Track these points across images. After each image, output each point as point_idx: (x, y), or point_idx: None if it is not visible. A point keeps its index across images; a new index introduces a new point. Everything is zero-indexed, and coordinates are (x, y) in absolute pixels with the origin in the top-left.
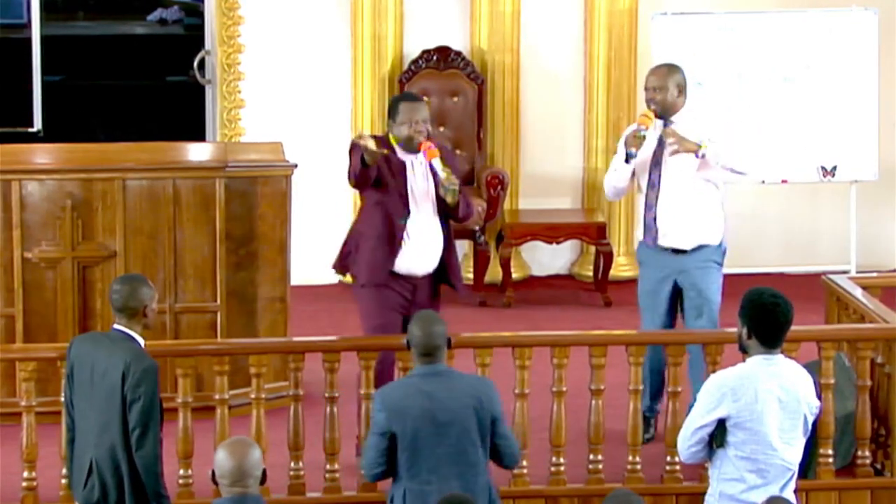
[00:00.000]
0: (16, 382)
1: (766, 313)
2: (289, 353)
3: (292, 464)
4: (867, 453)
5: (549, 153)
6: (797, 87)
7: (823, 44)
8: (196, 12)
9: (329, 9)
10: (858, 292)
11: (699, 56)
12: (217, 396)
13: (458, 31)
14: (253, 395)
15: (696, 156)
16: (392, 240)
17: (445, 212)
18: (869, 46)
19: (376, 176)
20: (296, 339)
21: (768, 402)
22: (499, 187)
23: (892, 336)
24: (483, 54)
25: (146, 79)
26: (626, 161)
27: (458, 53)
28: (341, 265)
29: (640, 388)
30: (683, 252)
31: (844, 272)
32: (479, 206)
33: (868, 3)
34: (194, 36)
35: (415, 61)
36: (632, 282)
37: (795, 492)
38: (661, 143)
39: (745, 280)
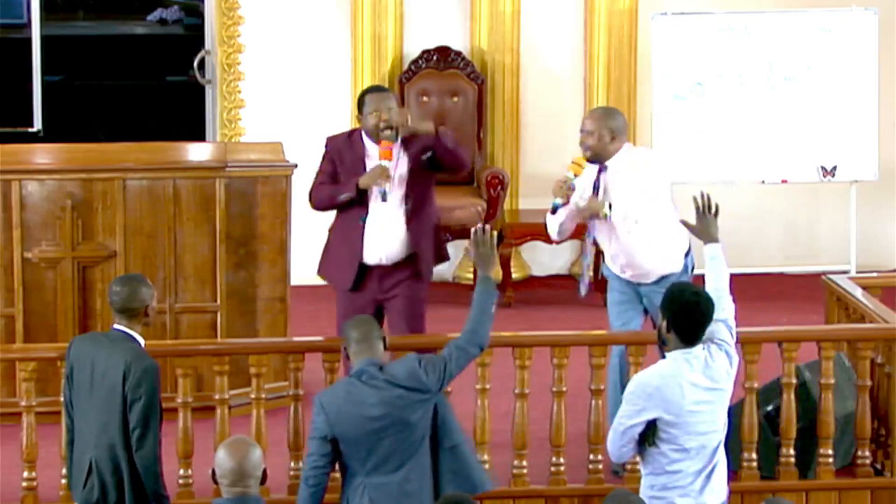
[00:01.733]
0: (16, 382)
1: (687, 310)
2: (289, 353)
3: (292, 464)
4: (867, 453)
5: (549, 153)
6: (797, 87)
7: (823, 44)
8: (196, 12)
9: (329, 9)
10: (858, 292)
11: (699, 56)
12: (217, 396)
13: (458, 31)
14: (253, 395)
15: (600, 217)
16: (354, 240)
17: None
18: (869, 46)
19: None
20: (296, 339)
21: (695, 394)
22: (499, 187)
23: (892, 336)
24: (483, 54)
25: (146, 79)
26: (553, 212)
27: (458, 53)
28: (321, 271)
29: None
30: (650, 283)
31: (844, 272)
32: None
33: (868, 3)
34: (194, 36)
35: (415, 61)
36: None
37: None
38: (595, 190)
39: (745, 280)
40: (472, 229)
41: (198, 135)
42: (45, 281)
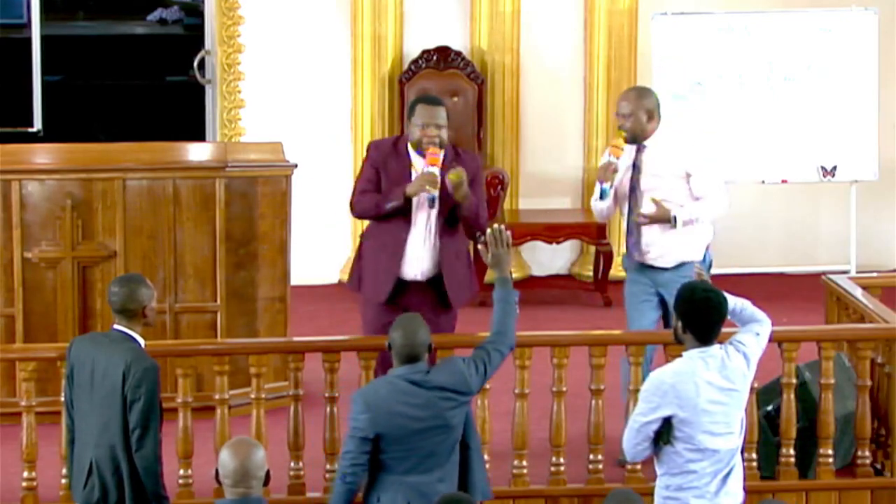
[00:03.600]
0: (16, 382)
1: (698, 310)
2: (289, 353)
3: (292, 463)
4: (867, 453)
5: (548, 153)
6: (797, 87)
7: (823, 44)
8: (196, 12)
9: (329, 9)
10: (858, 292)
11: (699, 56)
12: (217, 396)
13: (458, 31)
14: (253, 395)
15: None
16: (394, 251)
17: (457, 217)
18: (869, 46)
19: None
20: (296, 338)
21: (710, 393)
22: (499, 187)
23: (892, 336)
24: (483, 54)
25: (146, 79)
26: (601, 198)
27: (458, 53)
28: (352, 282)
29: (640, 387)
30: (665, 269)
31: (844, 272)
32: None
33: (868, 3)
34: (194, 36)
35: (415, 61)
36: None
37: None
38: (635, 169)
39: (745, 280)
40: (489, 229)
41: (198, 135)
42: (45, 281)
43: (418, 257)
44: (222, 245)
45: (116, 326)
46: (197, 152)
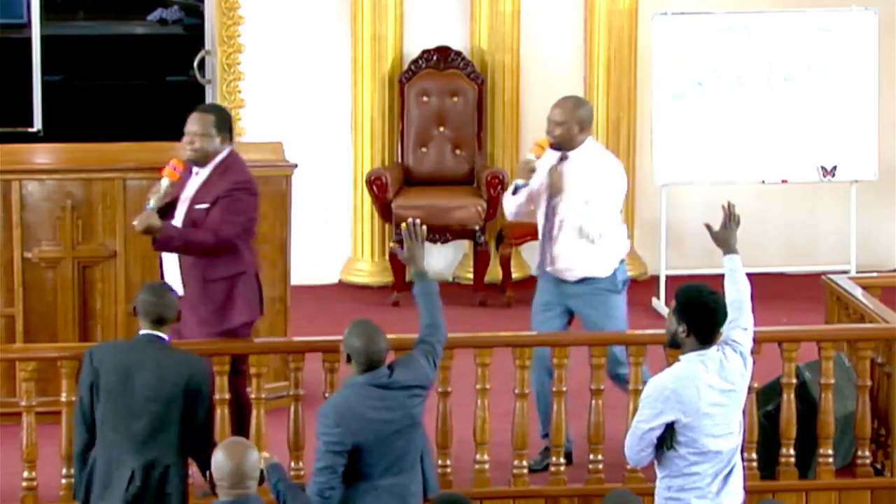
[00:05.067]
0: (16, 382)
1: (707, 312)
2: (289, 353)
3: (293, 463)
4: (867, 453)
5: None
6: (797, 87)
7: (823, 44)
8: (196, 12)
9: (329, 9)
10: (858, 292)
11: (699, 56)
12: (217, 396)
13: (458, 30)
14: (253, 395)
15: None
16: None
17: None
18: (869, 46)
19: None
20: (296, 339)
21: (711, 396)
22: (499, 187)
23: (892, 336)
24: (483, 54)
25: (146, 79)
26: (514, 192)
27: (458, 53)
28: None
29: (640, 388)
30: (570, 282)
31: (844, 272)
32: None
33: (868, 2)
34: (194, 36)
35: (415, 61)
36: (633, 282)
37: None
38: (552, 175)
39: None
40: (404, 224)
41: None
42: (45, 281)
43: (168, 270)
44: None
45: (150, 332)
46: None
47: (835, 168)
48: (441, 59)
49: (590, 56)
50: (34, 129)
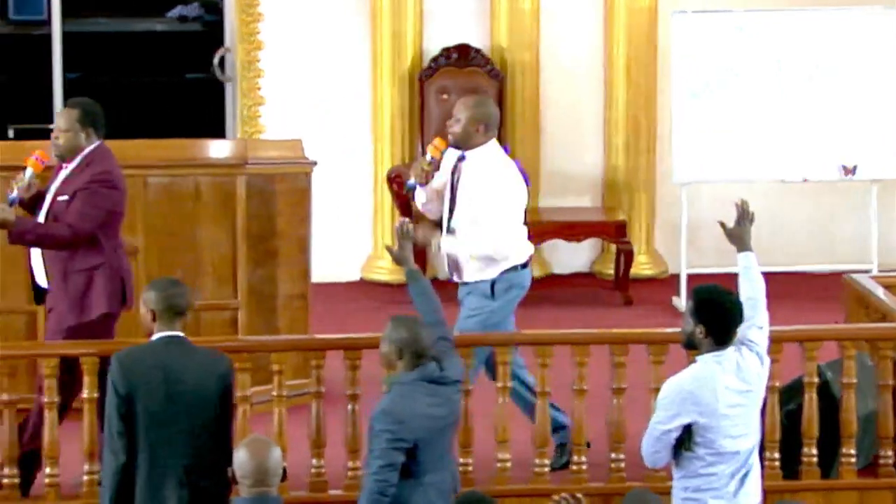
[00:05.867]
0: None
1: (723, 313)
2: (310, 351)
3: (314, 461)
4: (889, 453)
5: (568, 151)
6: (818, 86)
7: (844, 42)
8: (216, 9)
9: (349, 6)
10: (880, 291)
11: (719, 54)
12: (238, 394)
13: (477, 28)
14: (274, 393)
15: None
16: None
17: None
18: (889, 44)
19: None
20: (317, 336)
21: (728, 397)
22: None
23: None
24: (503, 52)
25: (166, 76)
26: (407, 191)
27: (478, 51)
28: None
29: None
30: (463, 284)
31: (866, 271)
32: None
33: (890, 1)
34: (214, 33)
35: (434, 59)
36: (653, 280)
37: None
38: (453, 176)
39: (766, 279)
40: (396, 225)
41: (218, 132)
42: None
43: (35, 263)
44: (242, 242)
45: (172, 333)
46: (217, 149)
47: (855, 167)
48: (461, 56)
49: (609, 54)
50: (54, 126)
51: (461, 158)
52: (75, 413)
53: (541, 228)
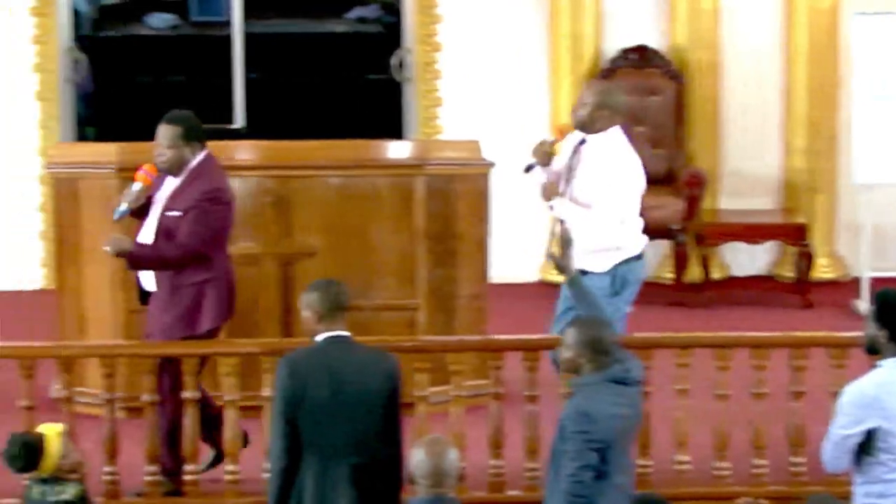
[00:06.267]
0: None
1: None
2: (488, 351)
3: (492, 461)
4: None
5: (748, 153)
6: None
7: None
8: (394, 11)
9: (527, 7)
10: None
11: None
12: (416, 393)
13: (656, 29)
14: (452, 393)
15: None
16: None
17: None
18: None
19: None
20: (495, 336)
21: None
22: (698, 187)
23: None
24: (682, 52)
25: (345, 77)
26: (526, 171)
27: (657, 52)
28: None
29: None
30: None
31: None
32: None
33: None
34: (393, 34)
35: (613, 60)
36: (834, 283)
37: None
38: (573, 158)
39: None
40: (559, 230)
41: (396, 133)
42: (247, 278)
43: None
44: (421, 243)
45: (339, 332)
46: (395, 150)
47: None
48: (639, 57)
49: (789, 54)
50: (236, 126)
51: (582, 142)
52: (255, 410)
53: (720, 230)
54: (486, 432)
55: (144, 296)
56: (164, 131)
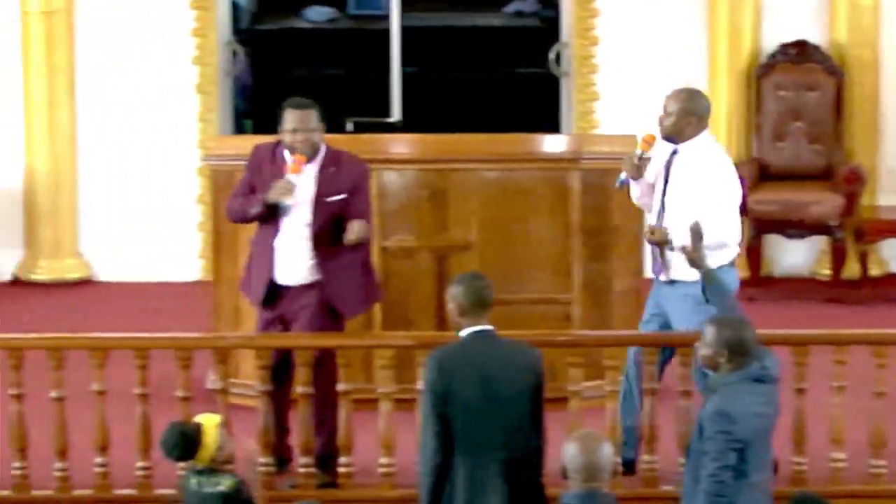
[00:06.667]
0: (372, 370)
1: None
2: (643, 346)
3: (646, 457)
4: None
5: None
6: None
7: None
8: (552, 4)
9: (685, 1)
10: None
11: None
12: (570, 388)
13: (816, 24)
14: (608, 388)
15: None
16: (267, 256)
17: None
18: None
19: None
20: (649, 332)
21: None
22: (857, 183)
23: None
24: (842, 49)
25: (502, 70)
26: (619, 186)
27: (816, 47)
28: (242, 283)
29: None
30: (668, 283)
31: None
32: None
33: None
34: (550, 28)
35: (772, 55)
36: None
37: None
38: (667, 171)
39: None
40: (689, 226)
41: (552, 127)
42: (402, 270)
43: (289, 263)
44: (576, 237)
45: (484, 327)
46: (551, 144)
47: None
48: (798, 52)
49: None
50: (393, 120)
51: (674, 152)
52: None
53: (879, 226)
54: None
55: (272, 295)
56: (304, 116)
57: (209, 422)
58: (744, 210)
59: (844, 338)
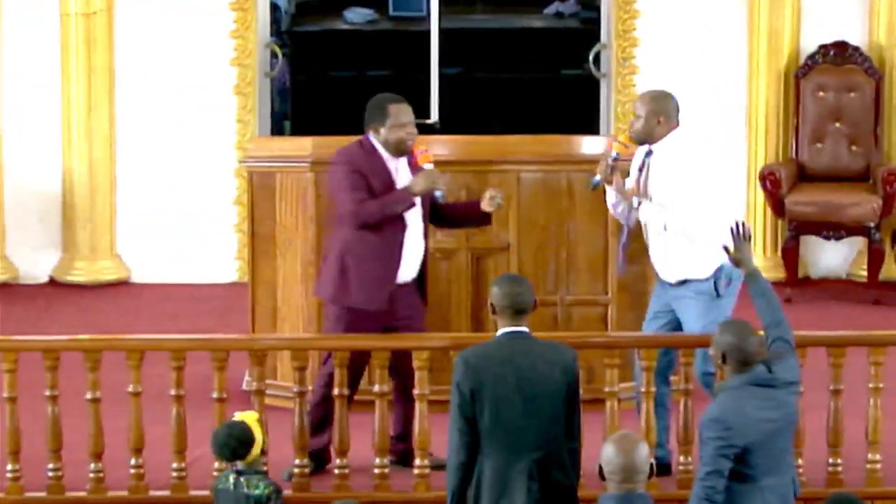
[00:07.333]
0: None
1: None
2: (679, 348)
3: (681, 458)
4: None
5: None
6: None
7: None
8: (592, 6)
9: (725, 2)
10: None
11: None
12: (607, 389)
13: (856, 25)
14: (643, 389)
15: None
16: (392, 256)
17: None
18: None
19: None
20: (684, 334)
21: None
22: (895, 185)
23: None
24: (881, 50)
25: (541, 72)
26: (593, 187)
27: (856, 49)
28: (335, 294)
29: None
30: (671, 284)
31: None
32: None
33: None
34: (590, 30)
35: (811, 56)
36: None
37: None
38: (642, 172)
39: None
40: (732, 226)
41: (592, 128)
42: (440, 271)
43: (411, 259)
44: (614, 238)
45: (518, 329)
46: (591, 145)
47: None
48: (838, 54)
49: None
50: (431, 121)
51: (648, 153)
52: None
53: None
54: (675, 427)
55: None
56: (410, 109)
57: (251, 418)
58: (780, 210)
59: (881, 339)
